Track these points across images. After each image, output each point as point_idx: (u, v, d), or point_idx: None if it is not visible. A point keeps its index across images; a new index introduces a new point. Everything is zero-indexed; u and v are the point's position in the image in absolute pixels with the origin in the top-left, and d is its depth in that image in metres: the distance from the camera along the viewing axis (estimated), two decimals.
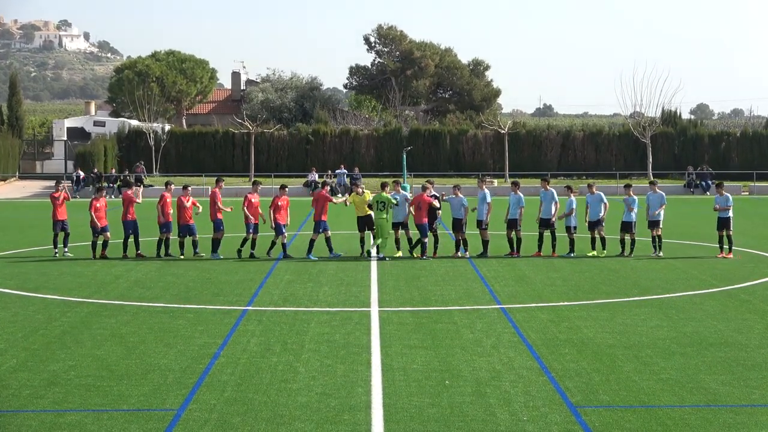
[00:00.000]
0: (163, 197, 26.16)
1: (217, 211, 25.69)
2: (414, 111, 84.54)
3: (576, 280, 21.72)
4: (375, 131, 71.45)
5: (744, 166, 68.51)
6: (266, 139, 69.63)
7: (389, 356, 14.08)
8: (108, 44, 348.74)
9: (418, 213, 25.29)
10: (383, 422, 10.99)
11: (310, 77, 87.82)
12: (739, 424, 10.91)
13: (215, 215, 25.71)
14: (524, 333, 15.76)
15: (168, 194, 26.32)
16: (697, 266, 23.87)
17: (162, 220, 25.81)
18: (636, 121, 67.63)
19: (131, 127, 70.16)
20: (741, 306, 18.31)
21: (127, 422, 11.01)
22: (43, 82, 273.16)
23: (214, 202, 25.84)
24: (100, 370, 13.41)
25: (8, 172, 66.65)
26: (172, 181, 27.59)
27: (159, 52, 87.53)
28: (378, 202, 25.38)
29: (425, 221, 25.26)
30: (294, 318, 17.22)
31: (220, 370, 13.36)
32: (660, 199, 25.97)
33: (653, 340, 15.17)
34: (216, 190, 26.28)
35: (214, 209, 25.76)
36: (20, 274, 23.01)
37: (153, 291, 20.34)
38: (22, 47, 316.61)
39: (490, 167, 69.03)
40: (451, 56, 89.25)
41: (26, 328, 16.32)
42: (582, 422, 10.97)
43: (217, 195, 26.05)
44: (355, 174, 59.28)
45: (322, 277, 22.15)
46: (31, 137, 78.55)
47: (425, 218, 25.24)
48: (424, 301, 18.99)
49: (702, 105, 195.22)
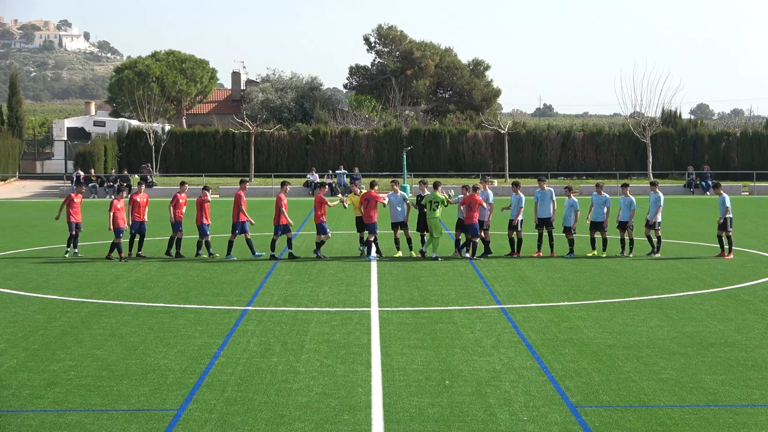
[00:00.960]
0: (175, 197, 26.22)
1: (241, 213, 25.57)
2: (414, 111, 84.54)
3: (576, 280, 21.72)
4: (375, 131, 71.45)
5: (744, 166, 68.54)
6: (266, 139, 69.63)
7: (389, 356, 14.08)
8: (108, 44, 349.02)
9: (469, 213, 25.24)
10: (383, 422, 10.99)
11: (310, 77, 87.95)
12: (739, 424, 10.91)
13: (238, 217, 25.57)
14: (524, 333, 15.76)
15: (181, 194, 26.36)
16: (697, 266, 23.87)
17: (174, 219, 25.87)
18: (636, 121, 67.63)
19: (131, 127, 70.17)
20: (741, 306, 18.31)
21: (127, 422, 11.01)
22: (43, 82, 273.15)
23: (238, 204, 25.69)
24: (100, 370, 13.41)
25: (8, 172, 66.66)
26: (186, 182, 27.51)
27: (159, 52, 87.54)
28: (431, 202, 25.30)
29: (476, 221, 25.26)
30: (294, 318, 17.22)
31: (220, 370, 13.37)
32: (657, 201, 25.97)
33: (653, 340, 15.17)
34: (241, 192, 25.98)
35: (237, 211, 25.64)
36: (20, 274, 23.01)
37: (153, 291, 20.35)
38: (22, 47, 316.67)
39: (490, 167, 69.04)
40: (451, 56, 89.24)
41: (26, 328, 16.32)
42: (582, 422, 10.97)
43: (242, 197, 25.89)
44: (355, 174, 59.28)
45: (322, 277, 22.15)
46: (31, 137, 78.56)
47: (476, 218, 25.26)
48: (424, 301, 18.99)
49: (702, 105, 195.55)
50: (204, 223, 25.69)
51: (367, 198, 25.57)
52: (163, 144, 67.46)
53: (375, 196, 25.63)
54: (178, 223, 25.85)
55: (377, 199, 25.58)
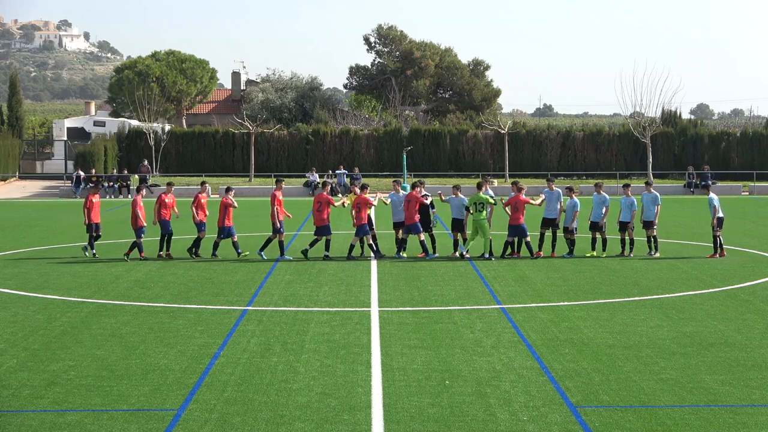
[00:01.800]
0: (197, 198, 26.24)
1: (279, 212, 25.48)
2: (414, 111, 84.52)
3: (576, 280, 21.72)
4: (375, 131, 71.42)
5: (744, 166, 68.52)
6: (266, 139, 69.61)
7: (389, 356, 14.08)
8: (108, 44, 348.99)
9: (515, 214, 25.26)
10: (383, 422, 10.99)
11: (310, 77, 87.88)
12: (739, 424, 10.91)
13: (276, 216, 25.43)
14: (524, 333, 15.76)
15: (203, 195, 26.36)
16: (697, 266, 23.87)
17: (197, 219, 25.91)
18: (636, 121, 67.59)
19: (131, 127, 70.13)
20: (741, 306, 18.31)
21: (127, 422, 11.01)
22: (43, 82, 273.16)
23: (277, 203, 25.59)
24: (100, 370, 13.41)
25: (8, 172, 66.64)
26: (207, 181, 27.46)
27: (159, 52, 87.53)
28: (476, 203, 25.27)
29: (522, 222, 25.29)
30: (294, 318, 17.22)
31: (220, 370, 13.37)
32: (654, 200, 26.00)
33: (653, 340, 15.17)
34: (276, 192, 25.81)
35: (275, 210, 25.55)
36: (20, 274, 23.01)
37: (153, 291, 20.35)
38: (22, 47, 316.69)
39: (490, 167, 69.02)
40: (451, 56, 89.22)
41: (26, 328, 16.32)
42: (582, 422, 10.97)
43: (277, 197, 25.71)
44: (354, 174, 59.27)
45: (322, 277, 22.15)
46: (31, 137, 78.53)
47: (522, 219, 25.29)
48: (424, 301, 18.99)
49: (702, 105, 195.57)
50: (226, 225, 25.68)
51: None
52: (163, 144, 67.43)
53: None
54: (202, 224, 25.89)
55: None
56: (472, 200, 25.34)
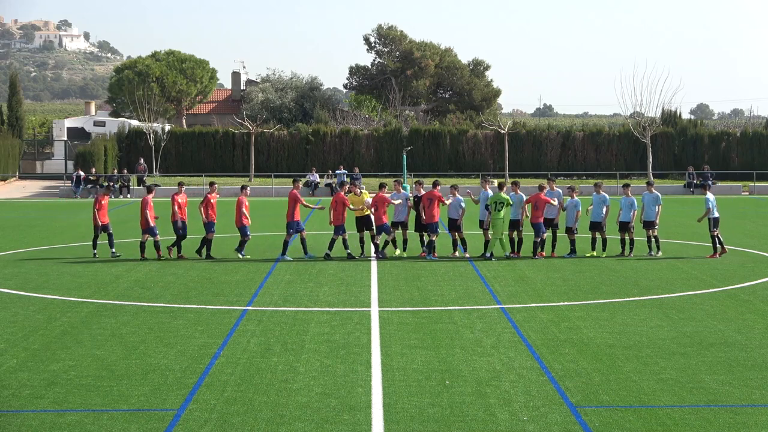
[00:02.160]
0: (206, 198, 26.19)
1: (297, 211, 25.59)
2: (414, 111, 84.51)
3: (576, 280, 21.73)
4: (375, 131, 71.42)
5: (744, 166, 68.52)
6: (266, 139, 69.60)
7: (389, 356, 14.08)
8: (108, 44, 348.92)
9: (536, 213, 25.31)
10: (383, 422, 10.99)
11: (310, 77, 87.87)
12: (739, 424, 10.91)
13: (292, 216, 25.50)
14: (524, 333, 15.77)
15: (212, 195, 26.32)
16: (697, 266, 23.87)
17: (206, 220, 25.86)
18: (636, 121, 67.58)
19: (131, 127, 70.13)
20: (741, 306, 18.31)
21: (127, 422, 11.01)
22: (43, 82, 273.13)
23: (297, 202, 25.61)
24: (100, 370, 13.41)
25: (8, 172, 66.64)
26: (215, 182, 27.43)
27: (159, 52, 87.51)
28: (496, 203, 25.26)
29: (541, 221, 25.33)
30: (294, 318, 17.22)
31: (220, 370, 13.37)
32: (656, 200, 26.01)
33: (653, 340, 15.17)
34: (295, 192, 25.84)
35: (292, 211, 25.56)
36: (20, 274, 23.01)
37: (153, 291, 20.35)
38: (22, 47, 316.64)
39: (490, 167, 69.01)
40: (451, 56, 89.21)
41: (26, 328, 16.32)
42: (582, 422, 10.97)
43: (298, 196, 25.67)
44: (354, 174, 59.28)
45: (322, 277, 22.15)
46: (31, 137, 78.52)
47: (542, 217, 25.32)
48: (424, 301, 18.99)
49: (702, 105, 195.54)
50: (245, 224, 25.68)
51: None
52: (163, 144, 67.43)
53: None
54: (210, 224, 25.87)
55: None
56: (493, 200, 25.36)
